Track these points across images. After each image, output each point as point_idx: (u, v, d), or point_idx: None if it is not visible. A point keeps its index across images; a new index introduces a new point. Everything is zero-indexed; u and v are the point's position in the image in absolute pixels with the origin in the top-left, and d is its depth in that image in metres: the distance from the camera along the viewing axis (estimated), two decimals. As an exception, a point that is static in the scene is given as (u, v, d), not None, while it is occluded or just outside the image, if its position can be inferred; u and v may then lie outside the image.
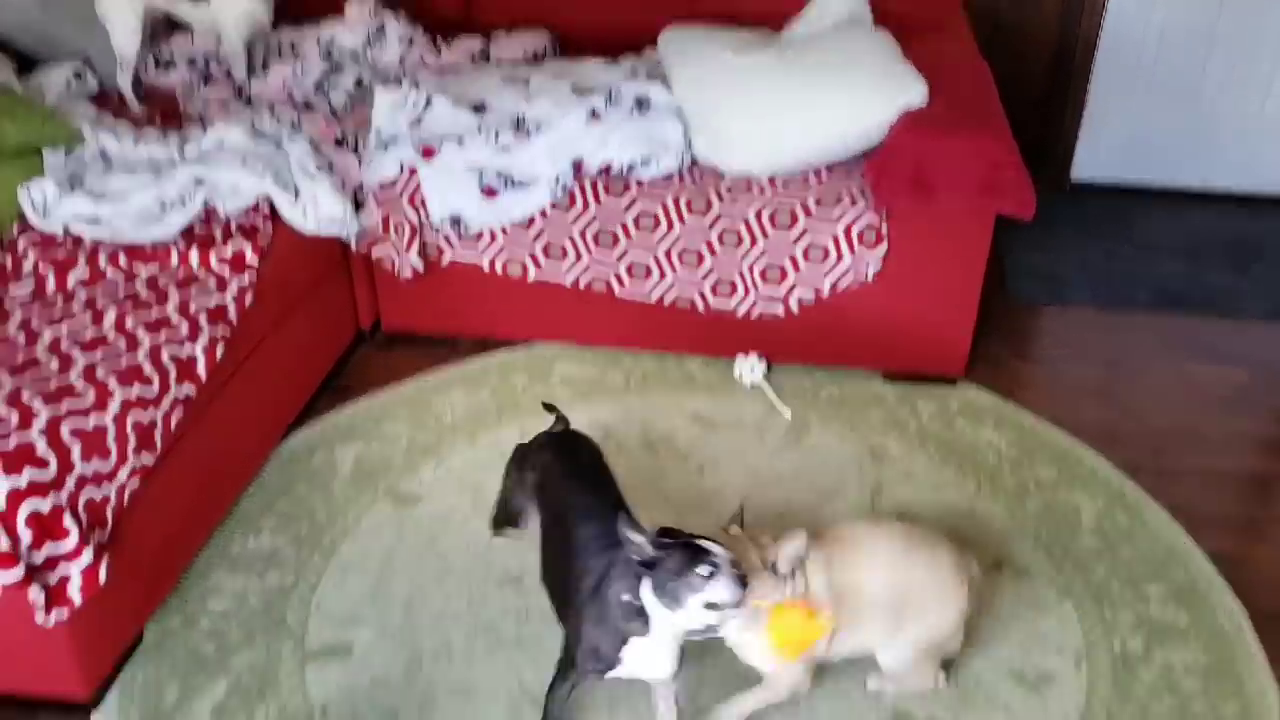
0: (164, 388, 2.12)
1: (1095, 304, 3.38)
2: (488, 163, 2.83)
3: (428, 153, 2.82)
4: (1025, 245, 3.66)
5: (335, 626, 2.26)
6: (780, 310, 2.88)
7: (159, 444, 2.09)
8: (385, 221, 2.88)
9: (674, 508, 2.55)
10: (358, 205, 2.87)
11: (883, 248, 2.75)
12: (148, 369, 2.11)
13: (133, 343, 2.15)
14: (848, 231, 2.75)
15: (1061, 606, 2.30)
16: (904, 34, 2.98)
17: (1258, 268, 3.57)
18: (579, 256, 2.90)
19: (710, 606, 1.71)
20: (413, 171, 2.84)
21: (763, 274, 2.84)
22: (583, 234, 2.87)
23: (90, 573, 1.88)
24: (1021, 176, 2.63)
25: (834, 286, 2.82)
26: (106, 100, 3.16)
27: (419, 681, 2.15)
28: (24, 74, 3.09)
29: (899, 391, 2.95)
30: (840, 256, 2.78)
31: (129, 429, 2.01)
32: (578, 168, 2.81)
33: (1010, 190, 2.63)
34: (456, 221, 2.84)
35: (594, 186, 2.82)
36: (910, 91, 2.73)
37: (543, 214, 2.85)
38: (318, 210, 2.69)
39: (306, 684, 2.14)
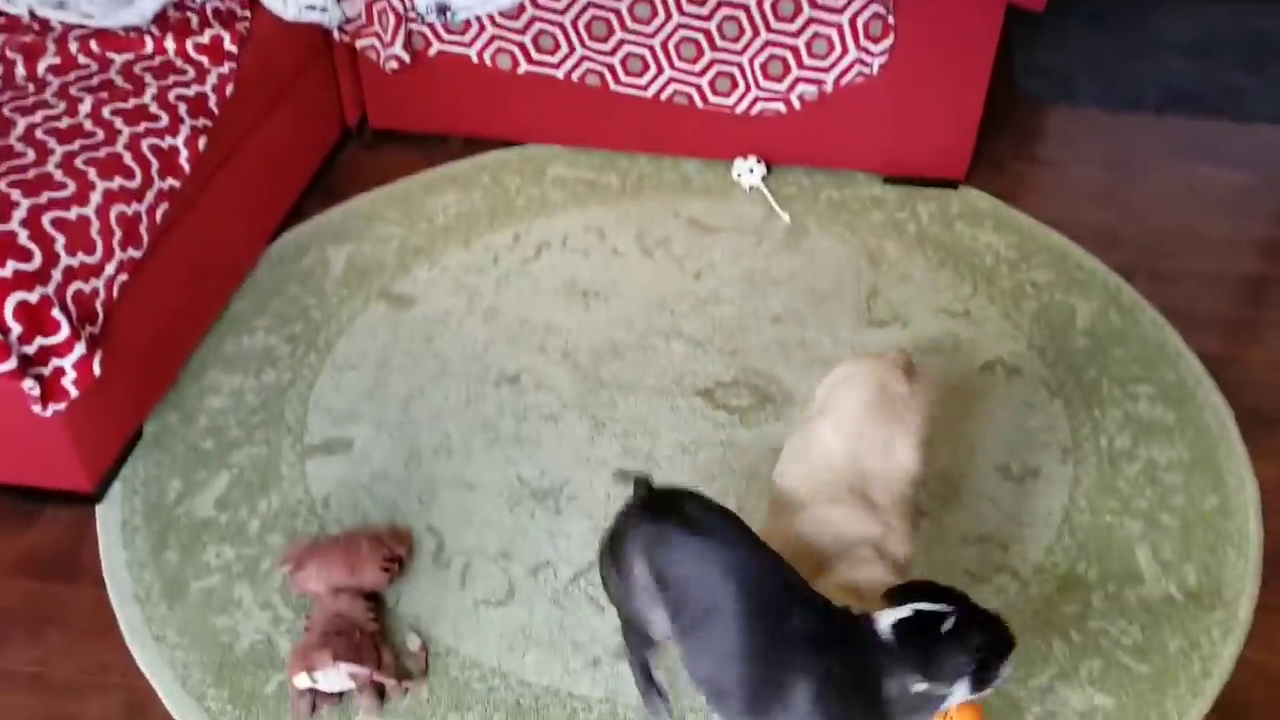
0: (146, 180, 2.06)
1: (1102, 104, 3.28)
2: (474, -55, 2.67)
3: (410, -66, 2.66)
4: (1035, 42, 3.52)
5: (334, 423, 2.28)
6: (782, 107, 2.79)
7: (145, 238, 2.05)
8: (369, 9, 2.74)
9: (669, 312, 2.54)
10: (338, -8, 2.72)
11: (889, 40, 2.63)
12: (128, 160, 2.04)
13: (111, 133, 2.07)
14: (853, 22, 2.62)
15: (1052, 405, 2.33)
16: None
17: (1272, 67, 3.45)
18: (571, 48, 2.77)
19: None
20: (395, -45, 2.68)
21: (764, 67, 2.73)
22: (575, 23, 2.73)
23: (84, 365, 1.87)
24: (1037, -37, 2.50)
25: (838, 81, 2.72)
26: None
27: (419, 476, 2.18)
28: None
29: (899, 194, 2.90)
30: (845, 49, 2.67)
31: (113, 222, 1.96)
32: (570, -49, 2.65)
33: (1025, -22, 2.50)
34: (443, 9, 2.70)
35: (587, -28, 2.68)
36: None
37: (532, 1, 2.71)
38: (296, -4, 2.55)
39: (307, 478, 2.17)
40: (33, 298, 1.80)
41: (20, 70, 2.24)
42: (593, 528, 2.09)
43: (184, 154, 2.15)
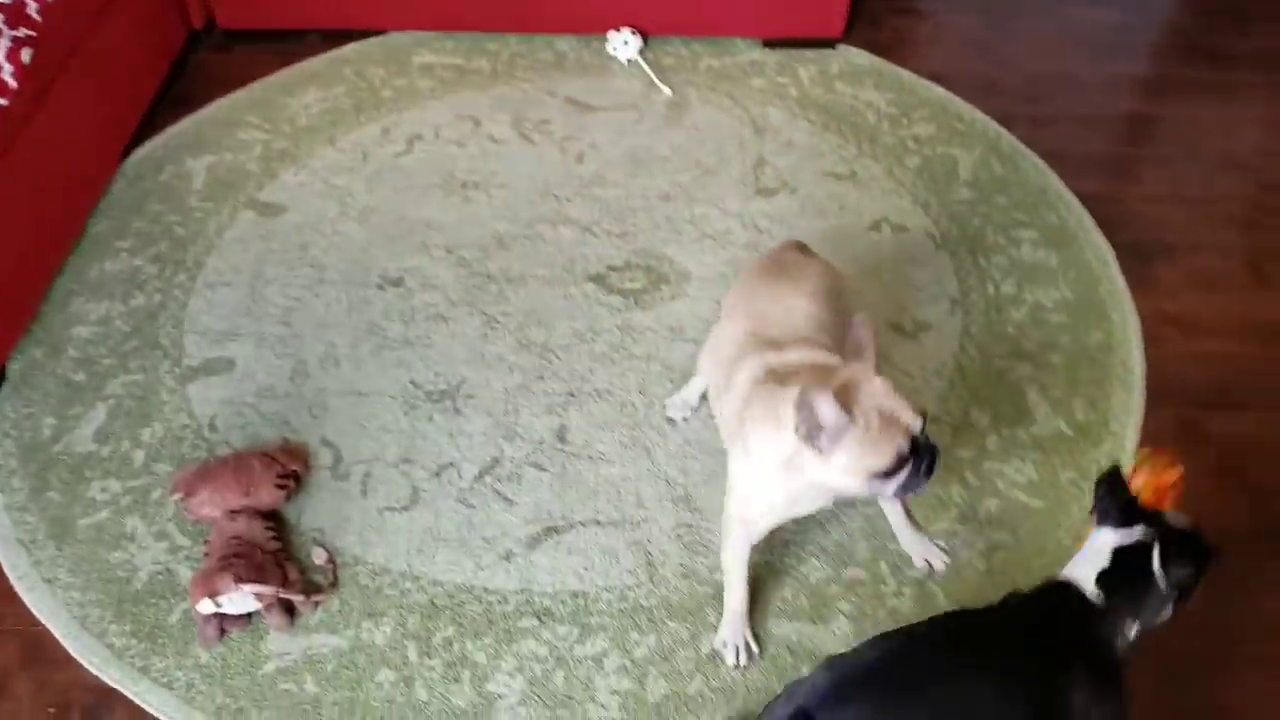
0: (-33, 100, 1.90)
1: (975, -49, 3.24)
2: None
3: None
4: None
5: (212, 343, 2.19)
6: (650, -24, 2.69)
7: (-25, 163, 1.90)
8: (198, -103, 2.54)
9: (554, 198, 2.48)
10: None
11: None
12: (-57, 79, 1.88)
13: (-81, 51, 1.90)
14: (716, -121, 2.52)
15: (938, 258, 2.35)
16: None
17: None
18: (425, -72, 2.62)
19: None
20: None
21: (628, -65, 2.62)
22: (426, -100, 2.58)
23: (-74, 306, 1.75)
24: None
25: (705, -55, 2.63)
26: None
27: (307, 388, 2.11)
28: None
29: (779, 58, 2.84)
30: (710, -90, 2.57)
31: (-65, 148, 1.81)
32: None
33: None
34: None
35: None
36: None
37: (378, -121, 2.55)
38: (115, -114, 2.34)
39: (190, 401, 2.09)
40: None
41: None
42: (493, 424, 2.05)
43: (6, 69, 1.98)
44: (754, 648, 1.74)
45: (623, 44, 2.79)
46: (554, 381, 2.13)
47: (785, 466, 1.50)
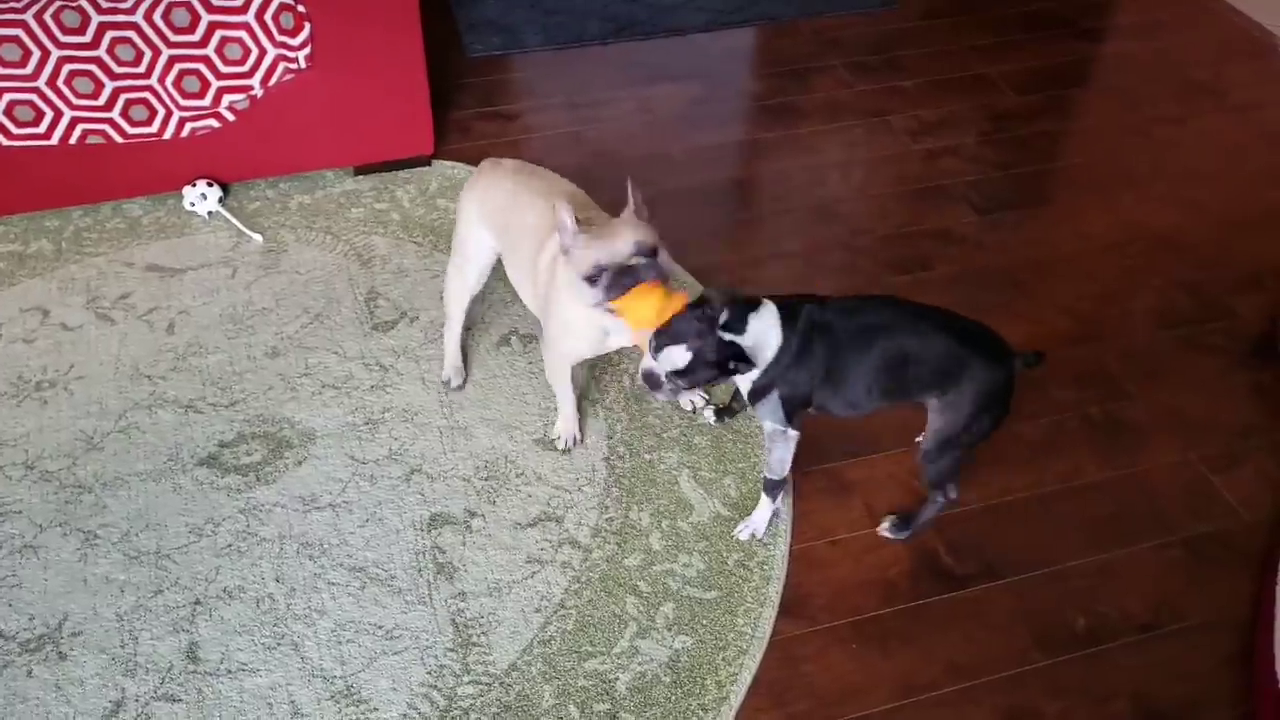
0: None
1: (551, 45, 3.30)
2: None
3: None
4: (475, -2, 3.47)
5: None
6: (214, 122, 2.50)
7: None
8: None
9: (147, 380, 2.22)
10: None
11: (306, 30, 2.43)
12: None
13: None
14: (261, 19, 2.38)
15: (571, 361, 2.31)
16: None
17: (694, -18, 3.65)
18: (-65, 109, 2.30)
19: None
20: None
21: (179, 85, 2.42)
22: (-71, 80, 2.27)
23: None
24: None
25: (266, 83, 2.47)
26: None
27: None
28: None
29: (374, 183, 2.73)
30: (263, 49, 2.43)
31: None
32: (-116, -6, 2.18)
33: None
34: None
35: (-83, 16, 2.21)
36: None
37: None
38: None
39: None
40: None
41: None
42: (109, 661, 1.77)
43: None
44: (579, 437, 2.12)
45: (200, 197, 2.58)
46: (174, 592, 1.87)
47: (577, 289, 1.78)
